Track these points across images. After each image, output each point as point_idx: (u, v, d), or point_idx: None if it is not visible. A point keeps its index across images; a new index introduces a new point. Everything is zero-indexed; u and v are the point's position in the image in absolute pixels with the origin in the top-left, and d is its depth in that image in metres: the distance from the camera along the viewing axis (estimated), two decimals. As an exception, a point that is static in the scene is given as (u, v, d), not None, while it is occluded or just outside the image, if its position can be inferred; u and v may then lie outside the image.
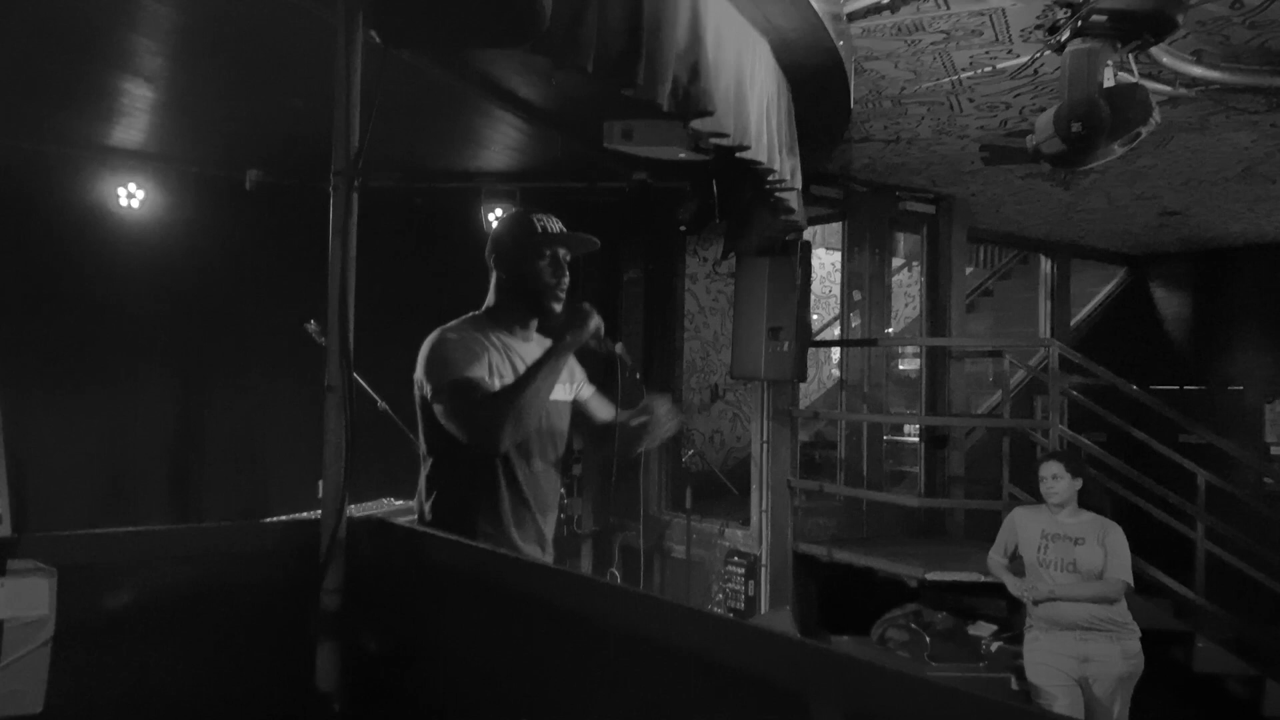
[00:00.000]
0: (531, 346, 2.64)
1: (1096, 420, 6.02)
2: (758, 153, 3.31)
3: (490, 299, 2.66)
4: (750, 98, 3.25)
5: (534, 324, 2.66)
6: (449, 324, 2.56)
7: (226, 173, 5.61)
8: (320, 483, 1.62)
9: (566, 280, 2.58)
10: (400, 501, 4.83)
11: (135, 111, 4.95)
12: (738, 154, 3.24)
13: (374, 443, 5.38)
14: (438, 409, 2.40)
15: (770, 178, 3.67)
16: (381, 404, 4.56)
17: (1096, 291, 9.95)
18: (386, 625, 1.63)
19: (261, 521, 2.30)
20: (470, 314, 2.64)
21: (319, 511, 1.64)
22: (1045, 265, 9.16)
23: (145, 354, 5.89)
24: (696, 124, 2.98)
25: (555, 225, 2.59)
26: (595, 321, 2.47)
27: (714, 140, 3.16)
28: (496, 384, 2.44)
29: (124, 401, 5.83)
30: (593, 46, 2.44)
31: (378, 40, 1.64)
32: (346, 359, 1.58)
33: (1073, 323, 9.33)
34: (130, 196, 5.60)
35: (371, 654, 1.60)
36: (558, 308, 2.57)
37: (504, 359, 2.55)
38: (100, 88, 4.58)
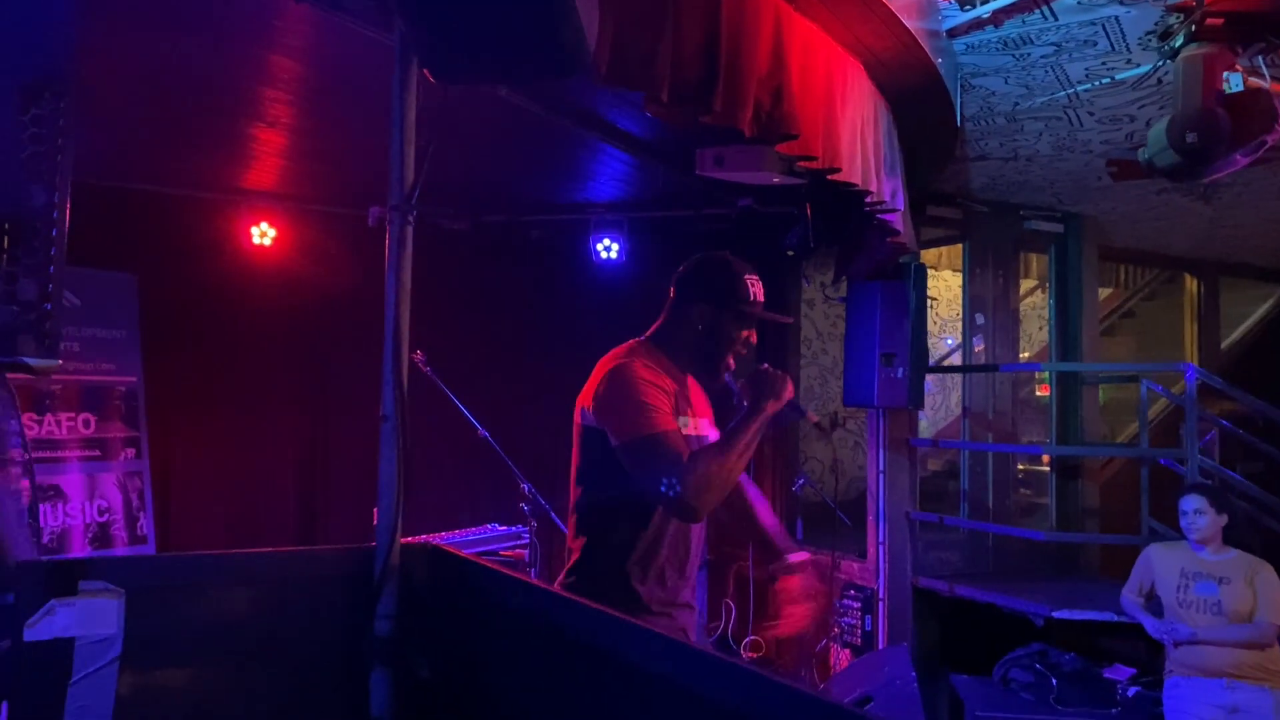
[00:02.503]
0: (702, 398, 2.54)
1: (1251, 451, 5.60)
2: (850, 174, 3.24)
3: (664, 332, 2.46)
4: (842, 119, 3.19)
5: (700, 375, 2.53)
6: (632, 352, 2.38)
7: (350, 210, 5.87)
8: (375, 509, 1.66)
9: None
10: (505, 527, 4.86)
11: (265, 155, 5.27)
12: (828, 176, 3.19)
13: (477, 469, 5.51)
14: (626, 455, 2.20)
15: (868, 199, 3.58)
16: (482, 431, 4.64)
17: (1251, 312, 9.26)
18: (439, 652, 1.64)
19: (318, 547, 2.37)
20: (640, 341, 2.46)
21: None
22: (1190, 284, 8.60)
23: (276, 382, 6.22)
24: (783, 147, 2.94)
25: (761, 294, 2.43)
26: (789, 389, 2.31)
27: (803, 163, 3.11)
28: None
29: (257, 428, 6.16)
30: (668, 76, 2.45)
31: (431, 79, 1.69)
32: (400, 389, 1.62)
33: (1223, 345, 8.71)
34: (263, 235, 5.95)
35: (424, 681, 1.62)
36: (726, 377, 2.45)
37: (685, 404, 2.41)
38: (233, 135, 4.91)
